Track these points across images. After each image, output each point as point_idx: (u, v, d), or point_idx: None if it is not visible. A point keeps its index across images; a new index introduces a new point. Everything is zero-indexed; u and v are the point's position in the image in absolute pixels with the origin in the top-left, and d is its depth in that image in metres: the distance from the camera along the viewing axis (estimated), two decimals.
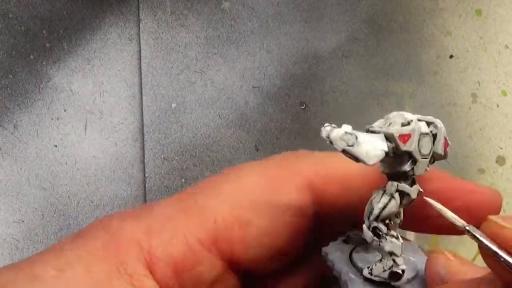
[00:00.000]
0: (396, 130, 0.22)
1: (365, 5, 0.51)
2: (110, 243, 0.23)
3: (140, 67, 0.47)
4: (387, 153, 0.22)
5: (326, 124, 0.22)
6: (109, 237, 0.23)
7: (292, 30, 0.49)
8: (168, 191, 0.46)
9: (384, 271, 0.23)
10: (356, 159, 0.22)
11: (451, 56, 0.52)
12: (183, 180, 0.46)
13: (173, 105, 0.47)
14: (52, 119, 0.45)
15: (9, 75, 0.45)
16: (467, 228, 0.20)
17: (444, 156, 0.24)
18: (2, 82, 0.45)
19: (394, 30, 0.51)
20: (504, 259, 0.18)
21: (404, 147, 0.22)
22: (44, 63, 0.46)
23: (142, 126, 0.46)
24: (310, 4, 0.50)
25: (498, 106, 0.52)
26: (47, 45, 0.46)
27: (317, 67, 0.49)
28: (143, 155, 0.46)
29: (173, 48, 0.47)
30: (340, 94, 0.50)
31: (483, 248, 0.19)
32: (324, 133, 0.22)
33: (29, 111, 0.45)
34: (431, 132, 0.23)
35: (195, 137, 0.47)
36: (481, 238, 0.19)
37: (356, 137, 0.22)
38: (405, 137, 0.22)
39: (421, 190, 0.23)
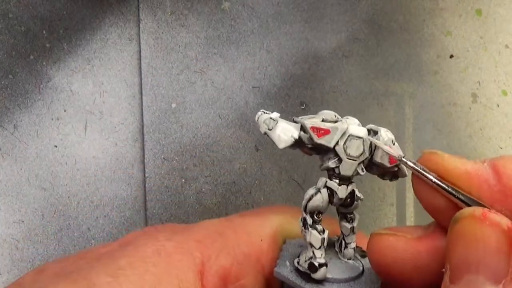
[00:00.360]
0: (310, 122, 0.24)
1: (365, 5, 0.51)
2: (161, 251, 0.23)
3: (140, 67, 0.47)
4: (300, 142, 0.24)
5: (261, 110, 0.24)
6: (160, 245, 0.24)
7: (292, 30, 0.49)
8: (168, 191, 0.46)
9: (305, 261, 0.24)
10: (274, 142, 0.24)
11: (451, 56, 0.52)
12: (183, 180, 0.46)
13: (173, 105, 0.47)
14: (52, 119, 0.45)
15: (9, 75, 0.45)
16: (402, 158, 0.23)
17: (392, 168, 0.25)
18: (2, 82, 0.45)
19: (394, 30, 0.51)
20: (431, 180, 0.21)
21: (318, 140, 0.23)
22: (44, 63, 0.46)
23: (142, 126, 0.46)
24: (310, 4, 0.50)
25: (498, 106, 0.52)
26: (47, 45, 0.46)
27: (317, 67, 0.49)
28: (143, 155, 0.46)
29: (173, 48, 0.47)
30: (340, 94, 0.50)
31: (415, 177, 0.22)
32: (256, 117, 0.24)
33: (29, 111, 0.45)
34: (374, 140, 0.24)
35: (195, 137, 0.47)
36: (411, 164, 0.22)
37: (277, 123, 0.23)
38: (321, 131, 0.23)
39: (358, 195, 0.24)
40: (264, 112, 0.24)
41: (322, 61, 0.50)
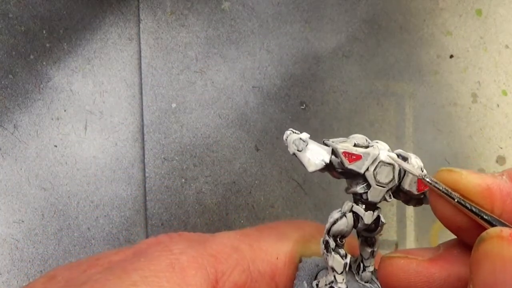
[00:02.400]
0: (342, 146, 0.23)
1: (365, 5, 0.51)
2: (175, 265, 0.23)
3: (140, 67, 0.47)
4: (331, 166, 0.23)
5: (290, 129, 0.23)
6: (174, 258, 0.23)
7: (292, 30, 0.49)
8: (168, 191, 0.46)
9: (326, 285, 0.24)
10: (303, 164, 0.23)
11: (451, 56, 0.52)
12: (183, 180, 0.46)
13: (173, 105, 0.47)
14: (52, 119, 0.45)
15: (9, 75, 0.45)
16: (423, 176, 0.22)
17: (419, 195, 0.24)
18: (2, 82, 0.45)
19: (394, 30, 0.51)
20: (455, 200, 0.21)
21: (349, 165, 0.23)
22: (44, 63, 0.46)
23: (142, 126, 0.46)
24: (310, 4, 0.50)
25: (498, 106, 0.52)
26: (47, 45, 0.46)
27: (317, 67, 0.49)
28: (143, 155, 0.46)
29: (173, 48, 0.47)
30: (340, 94, 0.50)
31: (433, 196, 0.22)
32: (284, 136, 0.24)
33: (29, 111, 0.45)
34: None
35: (195, 137, 0.47)
36: (434, 184, 0.22)
37: (307, 145, 0.23)
38: (353, 156, 0.23)
39: (383, 221, 0.24)
40: (293, 132, 0.24)
41: (322, 61, 0.50)
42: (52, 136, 0.45)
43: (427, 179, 0.22)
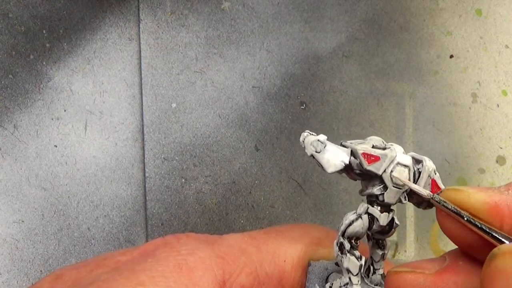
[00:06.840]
0: (362, 148, 0.23)
1: (365, 5, 0.51)
2: (182, 266, 0.23)
3: (140, 67, 0.47)
4: (349, 167, 0.23)
5: (307, 131, 0.23)
6: (181, 259, 0.23)
7: (292, 30, 0.49)
8: (168, 191, 0.46)
9: (340, 287, 0.24)
10: (321, 166, 0.23)
11: (451, 56, 0.52)
12: (183, 180, 0.46)
13: (173, 105, 0.47)
14: (52, 119, 0.45)
15: (9, 75, 0.45)
16: (432, 196, 0.22)
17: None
18: (2, 82, 0.45)
19: (394, 30, 0.51)
20: (464, 219, 0.21)
21: (368, 167, 0.23)
22: (44, 63, 0.46)
23: (142, 126, 0.46)
24: (310, 4, 0.50)
25: (498, 106, 0.52)
26: (47, 45, 0.46)
27: (317, 67, 0.49)
28: (143, 155, 0.46)
29: (173, 48, 0.47)
30: (340, 94, 0.50)
31: (441, 214, 0.22)
32: (301, 137, 0.23)
33: (29, 111, 0.45)
34: (417, 169, 0.23)
35: (195, 137, 0.47)
36: (443, 204, 0.22)
37: (325, 146, 0.23)
38: (372, 157, 0.23)
39: (397, 223, 0.24)
40: (310, 133, 0.24)
41: (322, 61, 0.50)
42: (52, 136, 0.45)
43: (436, 199, 0.22)
